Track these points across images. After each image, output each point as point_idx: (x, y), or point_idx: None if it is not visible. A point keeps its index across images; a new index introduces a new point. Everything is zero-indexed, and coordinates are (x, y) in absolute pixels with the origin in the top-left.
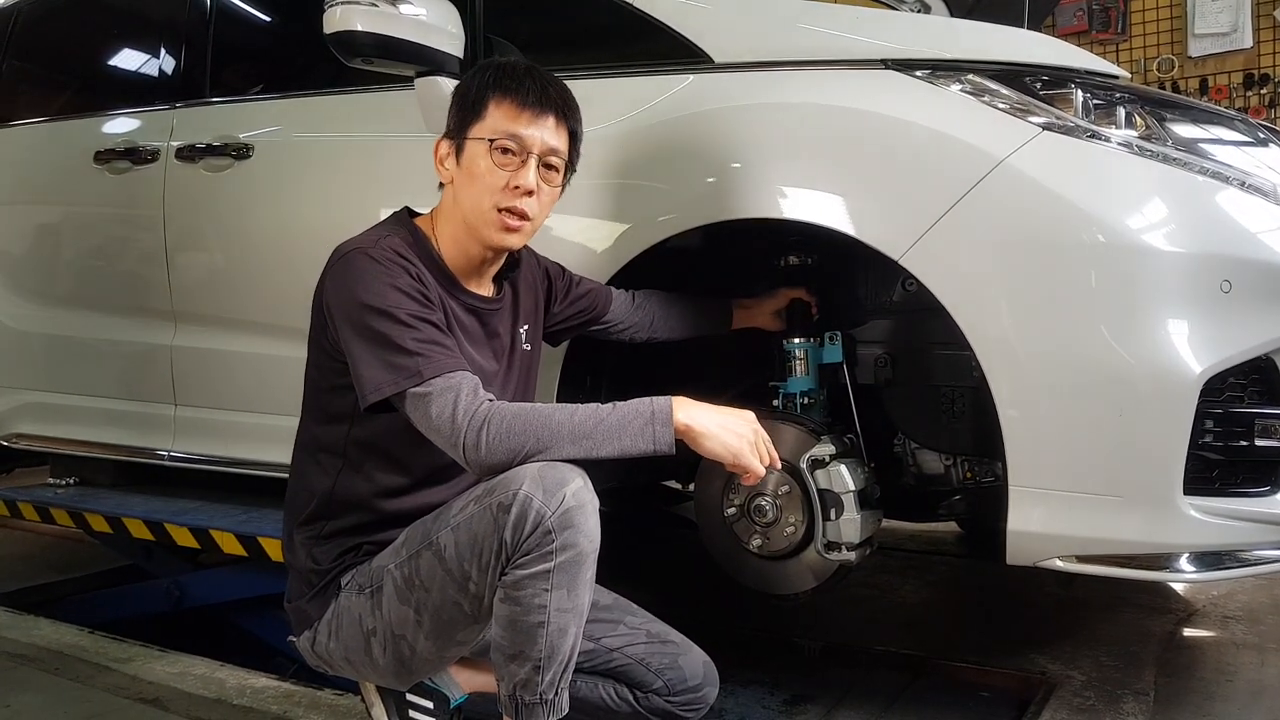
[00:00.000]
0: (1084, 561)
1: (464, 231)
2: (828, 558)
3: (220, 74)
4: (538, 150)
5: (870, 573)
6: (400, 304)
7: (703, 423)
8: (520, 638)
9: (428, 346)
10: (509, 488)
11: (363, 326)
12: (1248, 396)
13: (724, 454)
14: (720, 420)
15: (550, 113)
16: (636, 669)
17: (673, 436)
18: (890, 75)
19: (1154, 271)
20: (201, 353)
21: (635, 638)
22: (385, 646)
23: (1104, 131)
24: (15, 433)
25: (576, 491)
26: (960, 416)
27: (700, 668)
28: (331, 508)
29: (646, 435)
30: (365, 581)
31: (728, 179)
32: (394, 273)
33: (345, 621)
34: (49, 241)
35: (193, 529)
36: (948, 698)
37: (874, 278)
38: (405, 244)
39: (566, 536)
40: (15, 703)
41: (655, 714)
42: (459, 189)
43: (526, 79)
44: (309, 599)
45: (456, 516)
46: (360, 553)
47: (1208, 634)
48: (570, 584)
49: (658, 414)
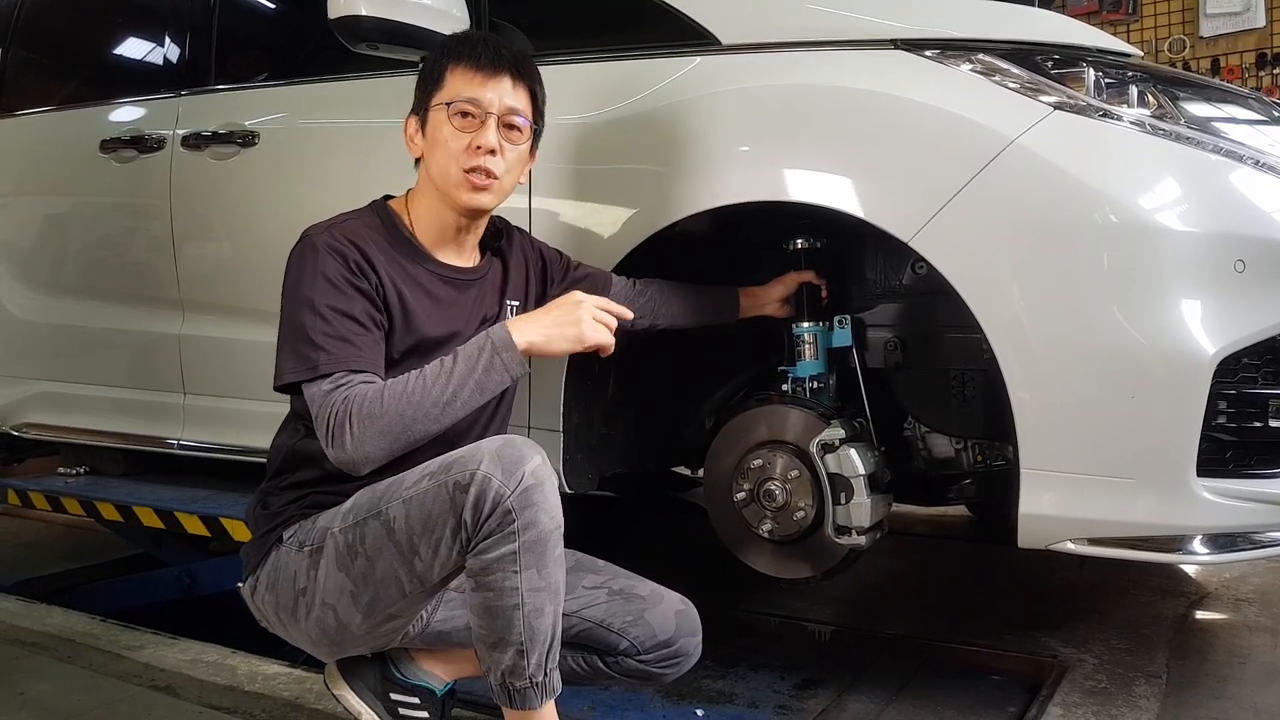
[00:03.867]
0: (1096, 544)
1: (437, 200)
2: (838, 542)
3: (225, 61)
4: (496, 110)
5: (880, 557)
6: (323, 293)
7: (541, 334)
8: (498, 623)
9: (333, 342)
10: (466, 467)
11: (288, 312)
12: (1261, 377)
13: (573, 347)
14: (553, 320)
15: (505, 73)
16: (597, 631)
17: (520, 358)
18: (899, 55)
19: (1167, 251)
20: (210, 341)
21: (593, 598)
22: (310, 611)
23: (1116, 110)
24: (26, 422)
25: (535, 469)
26: (971, 400)
27: (671, 619)
28: (293, 461)
29: (497, 366)
30: (306, 539)
31: (735, 162)
32: (325, 261)
33: (282, 576)
34: (56, 231)
35: (203, 517)
36: (959, 681)
37: (883, 261)
38: (365, 225)
39: (528, 515)
40: (29, 690)
41: (631, 676)
42: (427, 159)
43: (479, 44)
44: (253, 543)
45: (409, 490)
46: (306, 502)
47: (1220, 617)
48: (539, 563)
49: (498, 344)
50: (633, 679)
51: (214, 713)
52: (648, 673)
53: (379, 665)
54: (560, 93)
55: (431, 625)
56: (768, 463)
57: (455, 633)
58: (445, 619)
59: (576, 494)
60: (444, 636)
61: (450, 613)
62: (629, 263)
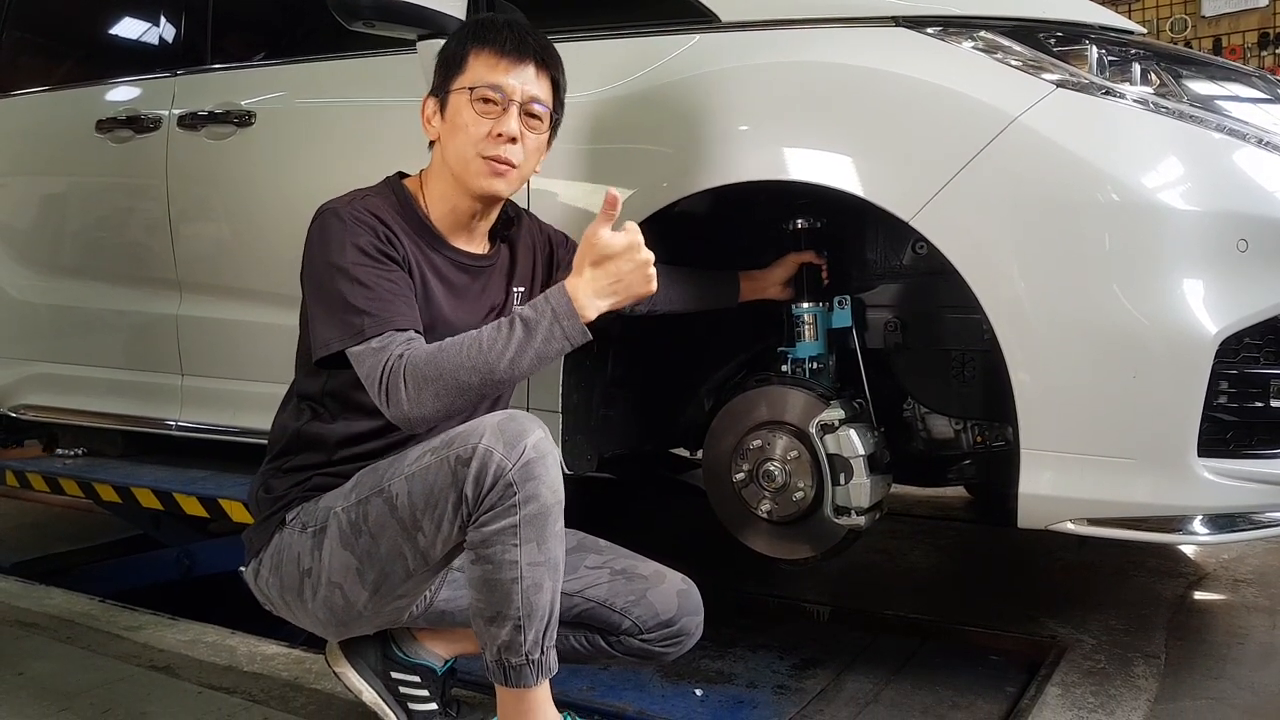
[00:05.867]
0: (1096, 524)
1: (452, 185)
2: (837, 522)
3: (221, 40)
4: (518, 98)
5: (879, 538)
6: (358, 262)
7: (608, 299)
8: (496, 597)
9: (376, 305)
10: (468, 441)
11: (320, 283)
12: (1263, 357)
13: (636, 300)
14: (618, 285)
15: (530, 60)
16: (600, 611)
17: (583, 326)
18: (900, 33)
19: (1169, 230)
20: (207, 322)
21: (595, 578)
22: (317, 592)
23: (1119, 88)
24: (23, 404)
25: (537, 443)
26: (971, 380)
27: (674, 599)
28: (298, 444)
29: (557, 334)
30: (310, 520)
31: (735, 141)
32: (356, 231)
33: (285, 558)
34: (53, 212)
35: (201, 498)
36: (957, 661)
37: (884, 240)
38: (385, 203)
39: (529, 489)
40: (28, 670)
41: (633, 655)
42: (445, 143)
43: (505, 29)
44: (256, 526)
45: (411, 466)
46: (309, 484)
47: (1219, 597)
48: (539, 537)
49: (559, 311)
50: (635, 658)
51: (213, 693)
52: (650, 651)
53: (380, 644)
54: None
55: (435, 604)
56: (767, 443)
57: (459, 613)
58: (449, 598)
59: (575, 475)
60: (447, 616)
61: (454, 592)
62: None
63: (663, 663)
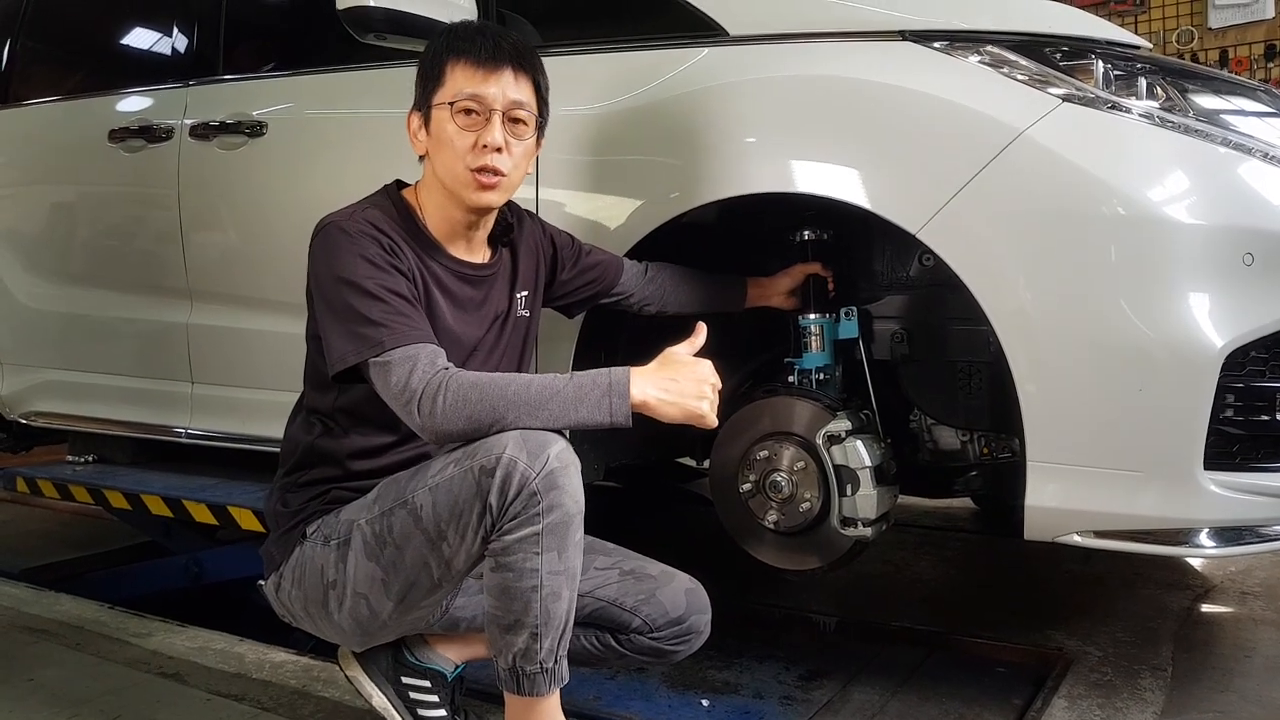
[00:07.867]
0: (1102, 537)
1: (445, 198)
2: (843, 533)
3: (233, 51)
4: (500, 106)
5: (886, 549)
6: (369, 275)
7: (659, 396)
8: (514, 604)
9: (392, 318)
10: (491, 451)
11: (331, 298)
12: (1269, 371)
13: (685, 419)
14: (675, 389)
15: (506, 66)
16: (611, 610)
17: (629, 410)
18: (907, 47)
19: (1175, 244)
20: (217, 330)
21: (606, 578)
22: (343, 603)
23: (1125, 103)
24: (34, 411)
25: (560, 453)
26: (977, 392)
27: (682, 597)
28: (312, 458)
29: (603, 408)
30: (332, 533)
31: (743, 153)
32: (363, 244)
33: (308, 570)
34: (65, 220)
35: (211, 505)
36: (964, 673)
37: (890, 252)
38: (385, 215)
39: (552, 498)
40: (38, 676)
41: (643, 654)
42: (433, 158)
43: (478, 37)
44: (275, 540)
45: (435, 477)
46: (328, 498)
47: (1226, 610)
48: (560, 546)
49: (615, 386)
50: (645, 656)
51: (222, 700)
52: (660, 650)
53: (392, 648)
54: (567, 84)
55: (450, 611)
56: (774, 454)
57: (473, 620)
58: (463, 605)
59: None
60: (460, 622)
61: (468, 599)
62: (637, 252)
63: (673, 661)
